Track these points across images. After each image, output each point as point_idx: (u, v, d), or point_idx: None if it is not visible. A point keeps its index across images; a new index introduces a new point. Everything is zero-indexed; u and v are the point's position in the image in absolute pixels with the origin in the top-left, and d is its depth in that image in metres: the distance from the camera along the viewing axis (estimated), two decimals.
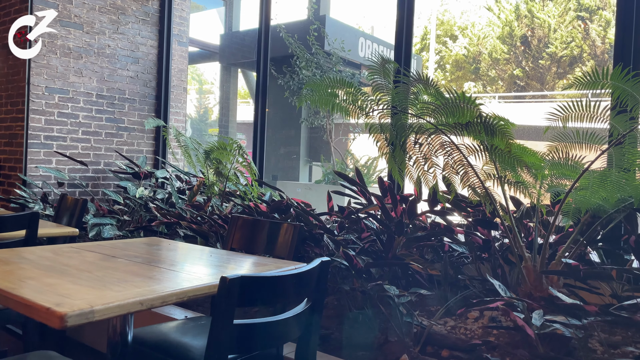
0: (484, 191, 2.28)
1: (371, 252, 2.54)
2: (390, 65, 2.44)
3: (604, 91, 1.95)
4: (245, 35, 11.21)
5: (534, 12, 17.57)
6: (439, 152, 2.42)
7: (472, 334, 2.18)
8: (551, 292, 1.93)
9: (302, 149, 10.74)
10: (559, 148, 2.07)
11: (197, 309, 2.68)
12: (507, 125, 2.09)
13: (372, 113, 2.49)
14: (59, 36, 4.34)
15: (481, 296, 2.27)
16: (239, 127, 14.73)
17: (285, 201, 2.97)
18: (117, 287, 1.23)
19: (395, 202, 2.64)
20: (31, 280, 1.26)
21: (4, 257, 1.53)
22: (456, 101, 2.14)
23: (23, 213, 2.18)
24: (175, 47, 5.13)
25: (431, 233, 2.54)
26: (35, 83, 4.22)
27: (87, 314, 1.03)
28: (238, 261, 1.79)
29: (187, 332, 1.74)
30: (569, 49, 16.98)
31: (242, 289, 1.08)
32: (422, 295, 2.36)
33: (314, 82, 2.57)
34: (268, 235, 2.07)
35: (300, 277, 1.18)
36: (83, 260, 1.57)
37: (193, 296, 1.25)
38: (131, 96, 4.88)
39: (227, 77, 11.96)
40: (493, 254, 2.45)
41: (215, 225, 2.87)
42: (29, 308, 1.08)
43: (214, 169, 3.73)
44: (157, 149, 5.10)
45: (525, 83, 18.23)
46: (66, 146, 4.45)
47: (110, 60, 4.70)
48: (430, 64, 18.64)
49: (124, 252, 1.75)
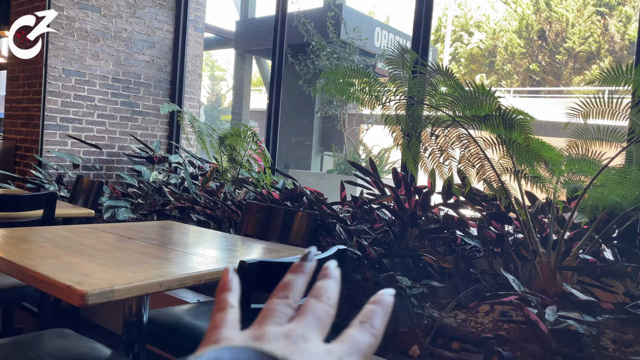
0: (500, 185, 2.27)
1: (383, 243, 2.54)
2: (408, 56, 2.42)
3: (623, 88, 1.92)
4: (261, 23, 11.17)
5: (551, 5, 17.30)
6: (455, 144, 2.40)
7: (483, 328, 2.18)
8: (565, 288, 1.92)
9: (314, 138, 10.73)
10: (579, 144, 2.04)
11: (209, 293, 2.70)
12: (527, 119, 2.07)
13: (389, 103, 2.48)
14: (76, 18, 4.35)
15: (492, 290, 2.27)
16: (252, 114, 14.74)
17: (299, 189, 2.98)
18: (135, 268, 1.25)
19: (409, 194, 2.63)
20: (51, 258, 1.28)
21: (23, 235, 1.55)
22: (475, 94, 2.12)
23: (41, 193, 2.20)
24: (191, 33, 5.13)
25: (444, 226, 2.53)
26: (52, 65, 4.25)
27: (107, 293, 1.05)
28: (253, 247, 1.80)
29: (200, 315, 1.76)
30: (586, 44, 16.72)
31: (260, 273, 1.08)
32: (433, 287, 2.36)
33: (330, 71, 2.56)
34: (282, 223, 2.08)
35: (318, 265, 1.18)
36: (100, 241, 1.59)
37: (210, 279, 1.26)
38: (146, 80, 4.90)
39: (241, 64, 11.95)
40: (506, 249, 2.43)
41: (229, 211, 2.88)
42: (49, 285, 1.09)
43: (228, 155, 3.74)
44: (171, 134, 5.12)
45: (541, 78, 18.01)
46: (81, 128, 4.48)
47: (126, 44, 4.71)
48: (445, 56, 18.47)
49: (139, 234, 1.77)
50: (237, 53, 11.94)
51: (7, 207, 2.11)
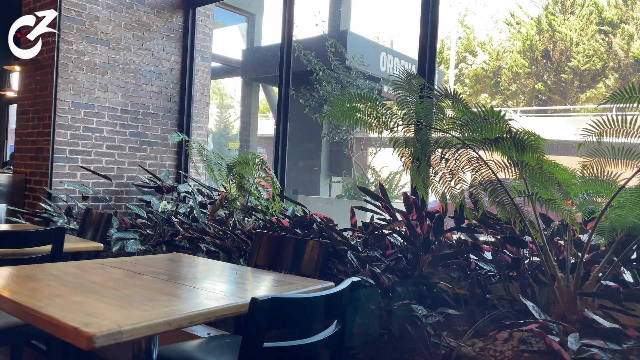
0: (514, 208, 2.22)
1: (396, 270, 2.49)
2: (415, 81, 2.41)
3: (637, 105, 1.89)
4: (267, 51, 11.31)
5: (555, 26, 17.41)
6: (466, 167, 2.37)
7: (502, 356, 2.10)
8: (587, 315, 1.86)
9: (322, 163, 10.72)
10: (593, 164, 2.00)
11: (220, 325, 2.65)
12: (538, 140, 2.04)
13: (397, 128, 2.46)
14: (85, 52, 4.42)
15: (510, 317, 2.20)
16: (259, 141, 14.81)
17: (309, 216, 2.94)
18: (144, 307, 1.21)
19: (421, 219, 2.59)
20: (58, 298, 1.25)
21: (30, 273, 1.52)
22: (485, 116, 2.10)
23: (49, 228, 2.19)
24: (198, 63, 5.19)
25: (458, 251, 2.48)
26: (61, 98, 4.29)
27: (115, 334, 1.01)
28: (263, 279, 1.76)
29: (212, 351, 1.71)
30: (591, 62, 16.75)
31: (272, 310, 1.05)
32: (449, 315, 2.29)
33: (336, 98, 2.55)
34: (293, 252, 2.04)
35: (331, 299, 1.15)
36: (109, 277, 1.56)
37: (221, 316, 1.22)
38: (155, 111, 4.93)
39: (248, 91, 12.06)
40: (522, 273, 2.37)
41: (238, 241, 2.85)
42: (56, 327, 1.06)
43: (237, 183, 3.73)
44: (180, 163, 5.13)
45: (548, 97, 18.01)
46: (91, 160, 4.50)
47: (134, 76, 4.77)
48: (450, 78, 18.56)
49: (148, 268, 1.74)
50: (244, 81, 12.07)
51: (15, 244, 2.10)
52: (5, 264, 1.92)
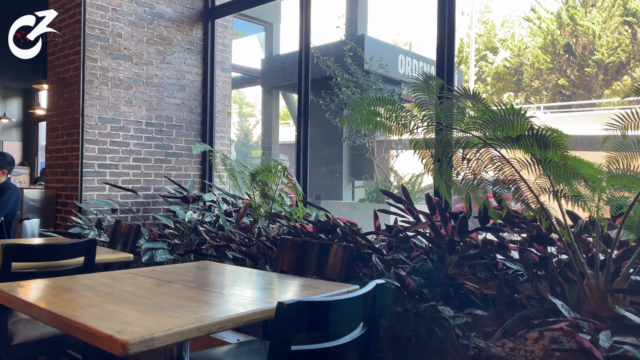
0: (539, 206, 2.20)
1: (422, 272, 2.49)
2: (434, 82, 2.41)
3: None
4: (286, 59, 11.41)
5: (576, 19, 17.10)
6: (488, 167, 2.36)
7: (533, 356, 2.08)
8: (618, 312, 1.83)
9: (344, 167, 10.73)
10: (619, 159, 1.97)
11: (248, 331, 2.69)
12: (561, 137, 2.02)
13: (417, 130, 2.46)
14: (109, 68, 4.54)
15: (540, 316, 2.17)
16: (281, 148, 14.91)
17: (332, 221, 2.96)
18: (174, 313, 1.25)
19: (445, 220, 2.58)
20: (92, 307, 1.29)
21: (65, 284, 1.58)
22: (505, 115, 2.09)
23: (81, 240, 2.26)
24: (218, 74, 5.27)
25: (484, 251, 2.46)
26: (88, 114, 4.42)
27: (148, 341, 1.05)
28: (289, 284, 1.78)
29: (241, 356, 1.74)
30: (615, 55, 16.38)
31: (298, 314, 1.07)
32: (477, 316, 2.28)
33: (355, 103, 2.57)
34: (318, 257, 2.06)
35: (356, 301, 1.16)
36: (139, 286, 1.60)
37: (249, 321, 1.25)
38: (178, 123, 5.03)
39: (268, 99, 12.17)
40: (550, 272, 2.34)
41: (264, 247, 2.88)
42: (91, 335, 1.10)
43: (260, 190, 3.77)
44: (204, 173, 5.22)
45: (572, 92, 17.67)
46: (118, 173, 4.61)
47: (157, 89, 4.87)
48: (470, 77, 18.38)
49: (177, 276, 1.78)
50: (264, 89, 12.18)
51: (50, 257, 2.17)
52: (40, 277, 1.99)
